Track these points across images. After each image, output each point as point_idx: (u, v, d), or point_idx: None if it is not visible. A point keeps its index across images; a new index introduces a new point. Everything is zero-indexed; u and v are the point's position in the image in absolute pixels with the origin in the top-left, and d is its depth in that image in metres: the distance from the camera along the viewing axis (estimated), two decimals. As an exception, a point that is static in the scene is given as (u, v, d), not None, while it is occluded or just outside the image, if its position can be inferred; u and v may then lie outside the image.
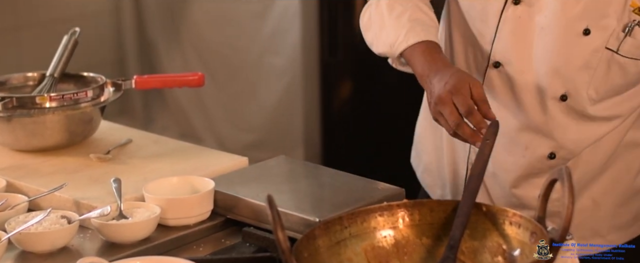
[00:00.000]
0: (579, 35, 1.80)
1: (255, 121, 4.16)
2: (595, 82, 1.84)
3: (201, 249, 1.77)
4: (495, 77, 1.90)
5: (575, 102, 1.86)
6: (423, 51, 1.83)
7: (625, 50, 1.80)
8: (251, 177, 1.92)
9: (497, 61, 1.89)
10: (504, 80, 1.90)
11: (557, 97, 1.86)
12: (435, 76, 1.76)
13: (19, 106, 2.07)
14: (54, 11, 4.05)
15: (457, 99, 1.69)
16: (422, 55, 1.82)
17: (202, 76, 2.27)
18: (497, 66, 1.89)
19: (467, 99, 1.69)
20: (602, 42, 1.80)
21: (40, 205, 1.86)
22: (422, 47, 1.83)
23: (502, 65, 1.89)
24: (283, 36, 3.98)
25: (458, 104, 1.69)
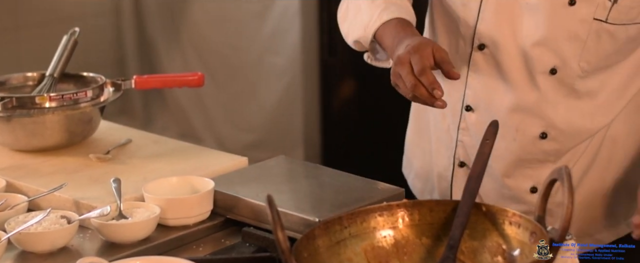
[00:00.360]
0: (565, 6, 1.80)
1: (255, 121, 4.17)
2: (587, 53, 1.83)
3: (201, 249, 1.77)
4: (480, 60, 1.90)
5: (565, 75, 1.85)
6: (395, 25, 1.83)
7: (613, 17, 1.79)
8: (251, 177, 1.92)
9: (481, 43, 1.88)
10: (489, 62, 1.89)
11: (547, 71, 1.85)
12: (400, 43, 1.76)
13: (19, 106, 2.07)
14: (53, 11, 4.06)
15: (413, 58, 1.68)
16: (393, 29, 1.83)
17: (202, 76, 2.26)
18: (481, 48, 1.89)
19: (423, 59, 1.68)
20: (588, 12, 1.79)
21: (40, 205, 1.86)
22: (394, 22, 1.84)
23: (487, 46, 1.88)
24: (283, 36, 3.98)
25: (414, 63, 1.68)
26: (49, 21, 3.99)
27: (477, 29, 1.88)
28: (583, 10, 1.80)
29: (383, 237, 1.58)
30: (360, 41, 1.93)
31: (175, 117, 4.40)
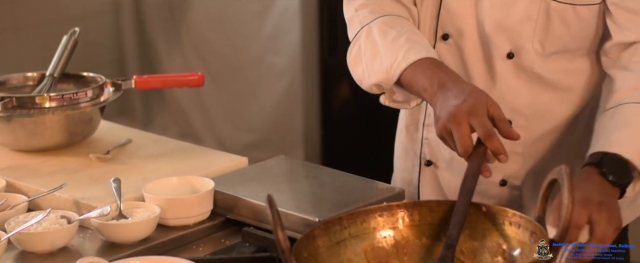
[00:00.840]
0: None
1: (255, 121, 4.17)
2: (539, 34, 1.82)
3: (201, 249, 1.77)
4: (444, 51, 1.88)
5: (523, 58, 1.84)
6: (428, 66, 1.73)
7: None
8: (251, 177, 1.92)
9: (445, 33, 1.87)
10: (452, 52, 1.88)
11: (504, 56, 1.84)
12: (448, 90, 1.67)
13: (19, 106, 2.07)
14: (53, 11, 4.06)
15: (475, 120, 1.60)
16: (428, 70, 1.73)
17: (202, 76, 2.26)
18: (445, 38, 1.88)
19: (487, 121, 1.61)
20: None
21: (40, 205, 1.86)
22: (426, 62, 1.75)
23: (450, 36, 1.87)
24: (283, 36, 3.98)
25: (476, 125, 1.60)
26: (49, 21, 3.99)
27: (440, 19, 1.87)
28: None
29: (383, 238, 1.58)
30: (382, 84, 1.82)
31: (175, 117, 4.40)
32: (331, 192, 1.86)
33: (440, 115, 1.65)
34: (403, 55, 1.76)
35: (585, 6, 1.80)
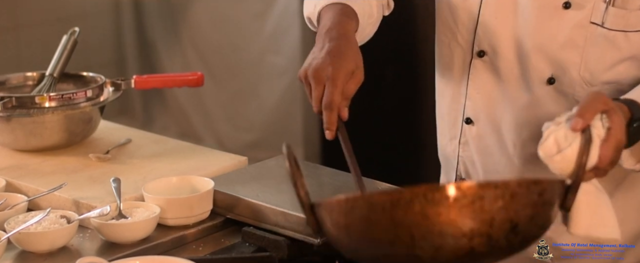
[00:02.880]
0: (559, 8, 1.72)
1: (255, 121, 4.17)
2: (588, 62, 1.74)
3: (201, 249, 1.77)
4: (480, 68, 1.83)
5: (565, 85, 1.76)
6: (336, 11, 1.75)
7: (610, 22, 1.70)
8: (251, 176, 1.92)
9: (481, 50, 1.82)
10: (489, 70, 1.82)
11: (544, 80, 1.77)
12: (328, 42, 1.68)
13: (18, 106, 2.07)
14: (53, 11, 4.06)
15: (329, 86, 1.62)
16: (332, 13, 1.75)
17: (202, 76, 2.26)
18: (481, 55, 1.82)
19: (337, 94, 1.62)
20: (584, 16, 1.71)
21: (40, 205, 1.86)
22: (337, 7, 1.76)
23: (486, 53, 1.81)
24: (283, 36, 3.98)
25: (327, 91, 1.63)
26: (49, 21, 3.99)
27: (477, 34, 1.82)
28: (579, 16, 1.72)
29: None
30: (310, 18, 1.85)
31: (175, 117, 4.40)
32: (331, 192, 1.85)
33: (309, 62, 1.66)
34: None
35: (638, 33, 1.71)
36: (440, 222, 1.34)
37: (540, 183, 1.39)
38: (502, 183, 1.36)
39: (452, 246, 1.36)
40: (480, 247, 1.36)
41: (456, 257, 1.37)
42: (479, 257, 1.38)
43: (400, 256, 1.39)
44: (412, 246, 1.36)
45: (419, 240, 1.36)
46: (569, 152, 1.45)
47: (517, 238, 1.39)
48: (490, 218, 1.35)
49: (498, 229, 1.36)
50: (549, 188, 1.40)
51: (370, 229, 1.39)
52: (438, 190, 1.35)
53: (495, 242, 1.37)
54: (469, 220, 1.35)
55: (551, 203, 1.41)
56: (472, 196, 1.34)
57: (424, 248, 1.36)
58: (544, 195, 1.39)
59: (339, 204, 1.42)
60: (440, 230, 1.35)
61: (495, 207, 1.35)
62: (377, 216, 1.37)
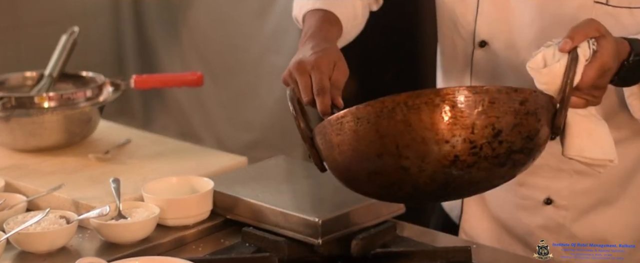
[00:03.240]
0: None
1: (255, 121, 4.16)
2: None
3: (200, 249, 1.77)
4: (482, 59, 1.82)
5: None
6: (318, 18, 1.78)
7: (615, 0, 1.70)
8: (251, 177, 1.92)
9: (482, 40, 1.81)
10: (491, 61, 1.82)
11: None
12: (310, 42, 1.70)
13: (18, 106, 2.07)
14: (53, 11, 4.05)
15: (315, 74, 1.62)
16: (314, 21, 1.78)
17: (201, 76, 2.26)
18: (482, 46, 1.82)
19: (324, 79, 1.62)
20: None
21: (39, 205, 1.86)
22: (319, 14, 1.79)
23: (488, 43, 1.81)
24: (283, 36, 3.98)
25: (314, 79, 1.63)
26: (49, 21, 3.98)
27: (477, 24, 1.81)
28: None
29: None
30: (297, 18, 1.88)
31: (175, 117, 4.40)
32: (331, 192, 1.85)
33: (291, 62, 1.67)
34: (303, 2, 1.82)
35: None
36: (421, 128, 1.38)
37: (521, 91, 1.42)
38: (480, 88, 1.40)
39: (436, 154, 1.39)
40: (465, 154, 1.39)
41: (442, 166, 1.40)
42: (464, 165, 1.40)
43: (390, 170, 1.42)
44: (398, 156, 1.40)
45: (404, 149, 1.39)
46: (556, 66, 1.47)
47: (502, 147, 1.40)
48: (471, 124, 1.38)
49: (480, 135, 1.39)
50: (531, 99, 1.42)
51: (359, 144, 1.43)
52: (418, 97, 1.39)
53: (479, 150, 1.39)
54: (449, 125, 1.38)
55: (536, 114, 1.43)
56: (450, 101, 1.38)
57: (410, 159, 1.40)
58: (526, 105, 1.41)
59: (330, 123, 1.47)
60: (422, 137, 1.38)
61: (475, 111, 1.38)
62: (364, 128, 1.42)
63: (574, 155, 1.52)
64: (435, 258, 1.68)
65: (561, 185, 1.83)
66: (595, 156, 1.53)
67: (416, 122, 1.39)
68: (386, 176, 1.44)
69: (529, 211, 1.87)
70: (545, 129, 1.45)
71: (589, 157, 1.52)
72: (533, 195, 1.86)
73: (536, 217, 1.87)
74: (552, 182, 1.84)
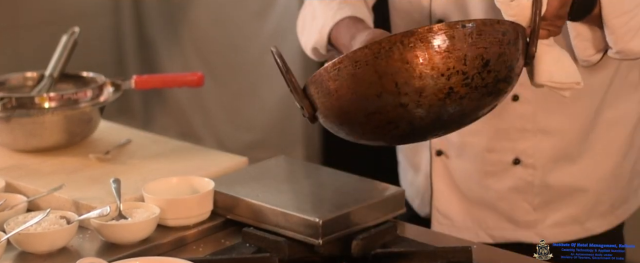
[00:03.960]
0: (505, 3, 1.74)
1: (255, 121, 4.16)
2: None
3: (201, 250, 1.77)
4: None
5: None
6: (347, 23, 1.84)
7: None
8: (251, 177, 1.92)
9: (439, 20, 1.88)
10: None
11: None
12: (353, 40, 1.76)
13: (18, 106, 2.07)
14: (53, 11, 4.05)
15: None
16: (346, 27, 1.84)
17: (202, 76, 2.26)
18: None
19: None
20: None
21: (40, 206, 1.86)
22: (346, 20, 1.85)
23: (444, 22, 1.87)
24: (283, 36, 3.98)
25: None
26: (49, 21, 3.99)
27: (432, 5, 1.88)
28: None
29: None
30: (317, 47, 1.92)
31: (175, 117, 4.40)
32: (331, 192, 1.85)
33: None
34: (332, 15, 1.88)
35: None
36: (418, 64, 1.47)
37: (503, 23, 1.52)
38: (468, 21, 1.49)
39: (432, 87, 1.48)
40: (458, 86, 1.49)
41: (438, 99, 1.49)
42: (458, 97, 1.50)
43: (389, 108, 1.50)
44: (397, 93, 1.48)
45: (402, 86, 1.48)
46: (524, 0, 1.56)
47: (490, 77, 1.50)
48: (463, 56, 1.48)
49: (471, 66, 1.48)
50: (511, 30, 1.52)
51: (357, 86, 1.50)
52: (413, 35, 1.47)
53: (471, 80, 1.49)
54: (445, 59, 1.47)
55: (515, 44, 1.53)
56: (444, 36, 1.47)
57: (409, 95, 1.48)
58: (507, 35, 1.51)
59: (327, 70, 1.53)
60: (420, 73, 1.47)
61: (466, 44, 1.48)
62: (362, 70, 1.49)
63: (545, 81, 1.62)
64: (435, 258, 1.68)
65: (527, 144, 1.91)
66: (563, 80, 1.63)
67: (413, 59, 1.47)
68: (385, 114, 1.51)
69: (497, 176, 1.95)
70: (521, 58, 1.55)
71: (558, 82, 1.62)
72: (502, 158, 1.94)
73: (506, 180, 1.94)
74: (518, 144, 1.92)
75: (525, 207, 1.95)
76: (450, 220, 2.00)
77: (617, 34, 1.67)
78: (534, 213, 1.95)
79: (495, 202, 1.97)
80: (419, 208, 2.09)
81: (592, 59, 1.73)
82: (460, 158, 1.97)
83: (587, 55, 1.72)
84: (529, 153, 1.92)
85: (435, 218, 2.02)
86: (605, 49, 1.73)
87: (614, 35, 1.67)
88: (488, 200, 1.97)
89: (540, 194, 1.94)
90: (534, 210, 1.95)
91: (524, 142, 1.92)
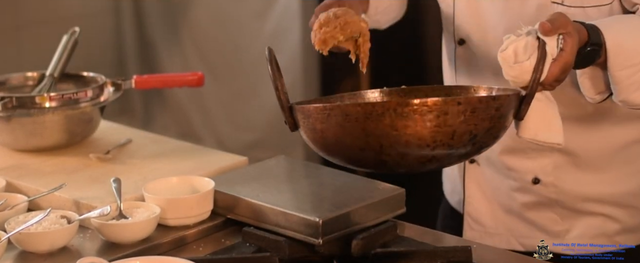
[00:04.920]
0: None
1: (255, 121, 4.16)
2: None
3: (201, 249, 1.77)
4: (461, 55, 1.93)
5: None
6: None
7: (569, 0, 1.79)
8: (251, 176, 1.92)
9: (461, 38, 1.92)
10: (471, 57, 1.92)
11: None
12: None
13: (19, 106, 2.07)
14: (53, 11, 4.05)
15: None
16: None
17: (202, 76, 2.26)
18: (461, 43, 1.92)
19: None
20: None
21: (40, 205, 1.86)
22: None
23: (466, 41, 1.91)
24: (283, 36, 3.98)
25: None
26: (49, 21, 3.98)
27: (455, 23, 1.91)
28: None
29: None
30: None
31: (175, 117, 4.40)
32: (331, 192, 1.85)
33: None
34: None
35: (594, 8, 1.79)
36: (407, 133, 1.50)
37: (499, 99, 1.54)
38: (464, 99, 1.51)
39: (416, 154, 1.52)
40: (441, 155, 1.53)
41: (419, 163, 1.54)
42: (437, 162, 1.54)
43: (369, 160, 1.55)
44: (380, 153, 1.52)
45: (387, 148, 1.51)
46: (526, 64, 1.57)
47: (474, 148, 1.55)
48: (452, 131, 1.51)
49: (458, 140, 1.52)
50: (506, 103, 1.54)
51: (343, 136, 1.54)
52: (407, 105, 1.50)
53: (454, 151, 1.53)
54: (433, 133, 1.50)
55: (506, 115, 1.55)
56: (437, 111, 1.49)
57: (391, 155, 1.52)
58: (500, 109, 1.53)
59: (316, 110, 1.56)
60: (406, 141, 1.50)
61: (458, 121, 1.50)
62: (351, 125, 1.52)
63: (528, 138, 1.63)
64: (435, 258, 1.69)
65: (545, 162, 1.92)
66: (546, 140, 1.64)
67: (402, 128, 1.50)
68: (365, 161, 1.56)
69: (521, 191, 1.96)
70: (510, 120, 1.58)
71: (541, 141, 1.64)
72: (522, 177, 1.95)
73: (529, 195, 1.95)
74: (536, 162, 1.92)
75: (553, 217, 1.95)
76: (482, 226, 2.01)
77: (622, 85, 1.68)
78: (562, 223, 1.94)
79: (523, 212, 1.97)
80: (456, 206, 2.11)
81: (595, 98, 1.74)
82: (489, 168, 1.98)
83: (590, 94, 1.73)
84: (547, 172, 1.92)
85: (467, 223, 2.03)
86: (608, 92, 1.73)
87: (619, 86, 1.68)
88: (517, 210, 1.97)
89: (566, 207, 1.94)
90: (561, 220, 1.94)
91: (542, 161, 1.92)
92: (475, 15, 1.88)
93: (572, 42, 1.58)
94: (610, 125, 1.90)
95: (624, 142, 1.92)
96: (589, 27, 1.64)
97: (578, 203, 1.94)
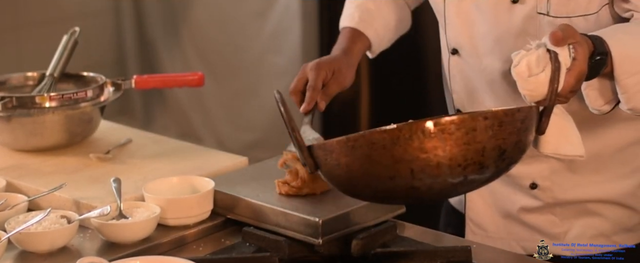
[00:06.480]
0: (508, 3, 1.81)
1: (255, 121, 4.16)
2: None
3: (201, 249, 1.77)
4: (455, 65, 1.93)
5: None
6: (346, 34, 2.04)
7: (554, 10, 1.79)
8: (251, 176, 1.92)
9: (453, 48, 1.92)
10: (461, 67, 1.92)
11: (507, 71, 1.81)
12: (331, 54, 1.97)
13: (19, 106, 2.07)
14: (53, 11, 4.05)
15: (312, 74, 1.87)
16: (342, 36, 2.04)
17: (202, 76, 2.26)
18: (454, 53, 1.92)
19: (319, 80, 1.87)
20: (531, 8, 1.79)
21: (40, 205, 1.86)
22: (347, 30, 2.05)
23: (458, 51, 1.91)
24: (284, 36, 3.98)
25: (310, 77, 1.87)
26: (49, 21, 3.99)
27: (447, 34, 1.92)
28: (526, 7, 1.80)
29: None
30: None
31: (175, 117, 4.40)
32: (331, 192, 1.85)
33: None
34: (344, 18, 2.08)
35: (581, 17, 1.79)
36: (437, 154, 1.45)
37: (522, 110, 1.51)
38: (491, 113, 1.48)
39: (447, 175, 1.47)
40: (473, 174, 1.48)
41: (452, 186, 1.49)
42: (469, 182, 1.50)
43: (399, 190, 1.49)
44: (411, 179, 1.47)
45: (418, 173, 1.46)
46: (542, 76, 1.55)
47: (503, 164, 1.51)
48: (482, 148, 1.47)
49: (488, 157, 1.48)
50: (529, 115, 1.52)
51: (371, 166, 1.48)
52: (436, 125, 1.45)
53: (485, 169, 1.49)
54: (464, 151, 1.46)
55: (530, 128, 1.53)
56: (465, 128, 1.46)
57: (423, 180, 1.47)
58: (525, 122, 1.51)
59: (339, 144, 1.51)
60: (437, 162, 1.46)
61: (487, 136, 1.47)
62: (378, 153, 1.47)
63: (550, 153, 1.62)
64: (435, 258, 1.69)
65: (541, 167, 1.92)
66: (567, 153, 1.63)
67: (432, 149, 1.46)
68: (393, 193, 1.51)
69: (519, 196, 1.96)
70: (533, 134, 1.56)
71: (562, 154, 1.62)
72: (520, 183, 1.95)
73: (527, 199, 1.95)
74: (532, 168, 1.92)
75: (552, 219, 1.95)
76: (484, 230, 2.00)
77: (630, 93, 1.67)
78: (562, 224, 1.94)
79: (523, 216, 1.97)
80: (457, 205, 2.11)
81: (603, 109, 1.73)
82: None
83: (597, 105, 1.72)
84: (544, 176, 1.92)
85: (469, 227, 2.02)
86: (616, 101, 1.72)
87: (627, 94, 1.68)
88: (516, 214, 1.97)
89: (565, 209, 1.94)
90: (560, 221, 1.94)
91: (538, 166, 1.92)
92: (465, 25, 1.88)
93: (583, 51, 1.58)
94: (605, 129, 1.90)
95: (620, 144, 1.92)
96: (592, 38, 1.64)
97: (576, 204, 1.94)
